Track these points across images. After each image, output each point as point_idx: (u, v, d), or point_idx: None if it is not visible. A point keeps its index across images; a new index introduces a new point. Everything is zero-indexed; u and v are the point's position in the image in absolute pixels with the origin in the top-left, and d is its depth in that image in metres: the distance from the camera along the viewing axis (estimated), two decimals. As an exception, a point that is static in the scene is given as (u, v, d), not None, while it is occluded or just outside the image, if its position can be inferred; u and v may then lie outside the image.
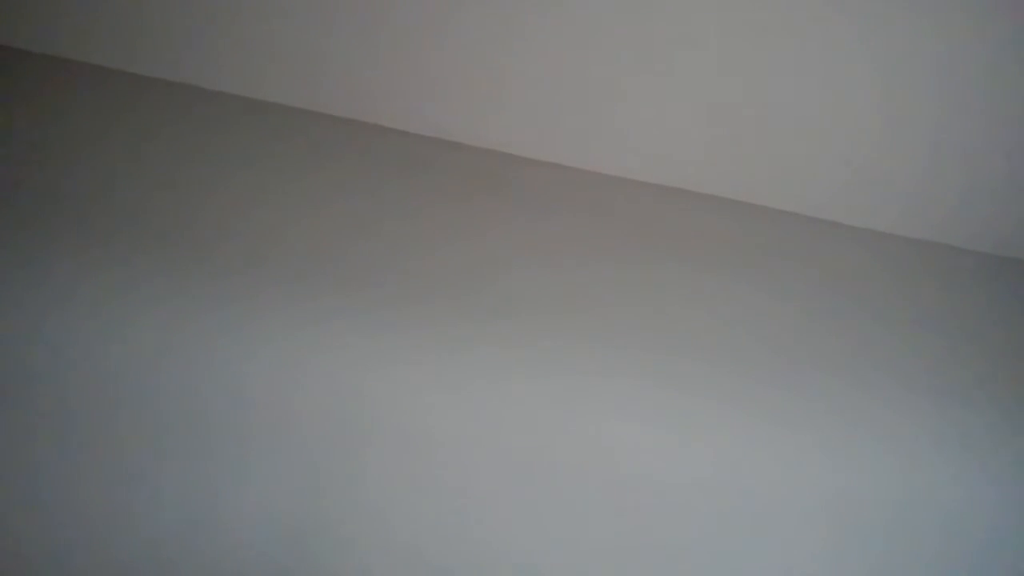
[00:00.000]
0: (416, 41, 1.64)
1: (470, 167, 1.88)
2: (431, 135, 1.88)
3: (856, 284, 1.96)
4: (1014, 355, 1.97)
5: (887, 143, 1.75)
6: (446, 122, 1.84)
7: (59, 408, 1.57)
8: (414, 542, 1.60)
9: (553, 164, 1.92)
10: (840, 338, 1.91)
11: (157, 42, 1.71)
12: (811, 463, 1.80)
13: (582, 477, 1.70)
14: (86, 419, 1.57)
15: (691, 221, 1.94)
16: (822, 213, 1.99)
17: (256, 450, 1.60)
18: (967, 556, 1.80)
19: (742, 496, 1.75)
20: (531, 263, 1.84)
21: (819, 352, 1.89)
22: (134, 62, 1.77)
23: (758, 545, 1.73)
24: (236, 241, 1.73)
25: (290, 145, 1.82)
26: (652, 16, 1.52)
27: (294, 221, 1.77)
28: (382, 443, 1.65)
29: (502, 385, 1.73)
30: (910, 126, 1.70)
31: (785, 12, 1.48)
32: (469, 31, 1.60)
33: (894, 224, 1.99)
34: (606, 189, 1.93)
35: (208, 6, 1.60)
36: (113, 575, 1.50)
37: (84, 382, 1.59)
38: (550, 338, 1.78)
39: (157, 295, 1.67)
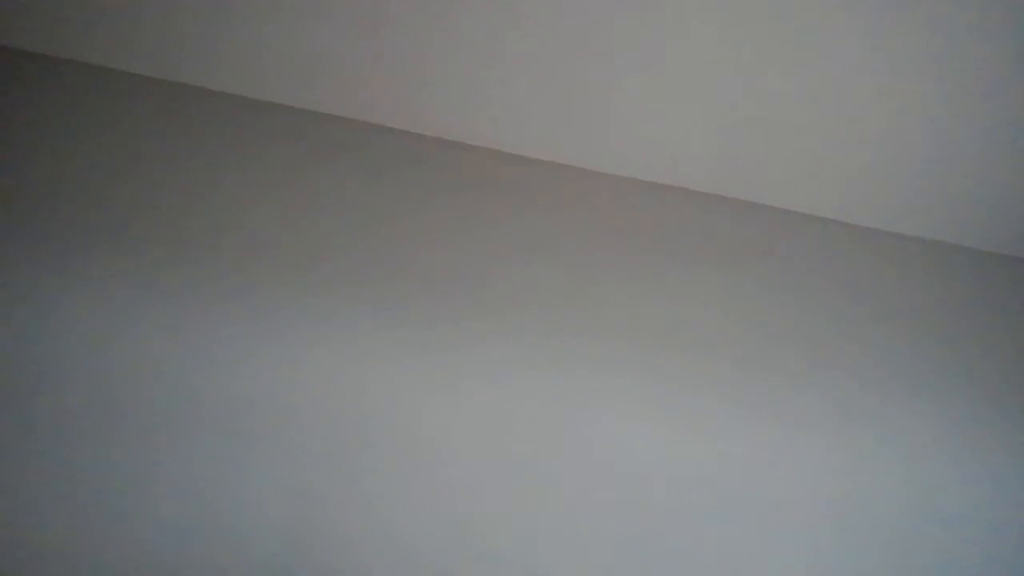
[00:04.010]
0: (415, 41, 1.64)
1: (469, 166, 1.88)
2: (431, 134, 1.88)
3: (858, 283, 1.96)
4: (1016, 354, 1.96)
5: (889, 143, 1.75)
6: (445, 121, 1.83)
7: (58, 408, 1.57)
8: (413, 540, 1.60)
9: (552, 163, 1.92)
10: (841, 336, 1.91)
11: (157, 42, 1.71)
12: (812, 461, 1.80)
13: (584, 476, 1.70)
14: (85, 419, 1.57)
15: (691, 220, 1.93)
16: (823, 212, 1.99)
17: (255, 449, 1.60)
18: (968, 554, 1.79)
19: (743, 494, 1.75)
20: (531, 262, 1.83)
21: (820, 351, 1.89)
22: (134, 62, 1.77)
23: (760, 543, 1.73)
24: (235, 241, 1.73)
25: (289, 145, 1.82)
26: (652, 15, 1.52)
27: (293, 221, 1.77)
28: (382, 442, 1.64)
29: (502, 383, 1.72)
30: (912, 125, 1.70)
31: (786, 11, 1.48)
32: (468, 31, 1.60)
33: (896, 223, 1.99)
34: (605, 188, 1.92)
35: (208, 6, 1.60)
36: (113, 575, 1.50)
37: (83, 382, 1.59)
38: (550, 337, 1.78)
39: (156, 294, 1.67)
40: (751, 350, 1.86)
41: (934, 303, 1.98)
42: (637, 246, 1.89)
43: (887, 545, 1.77)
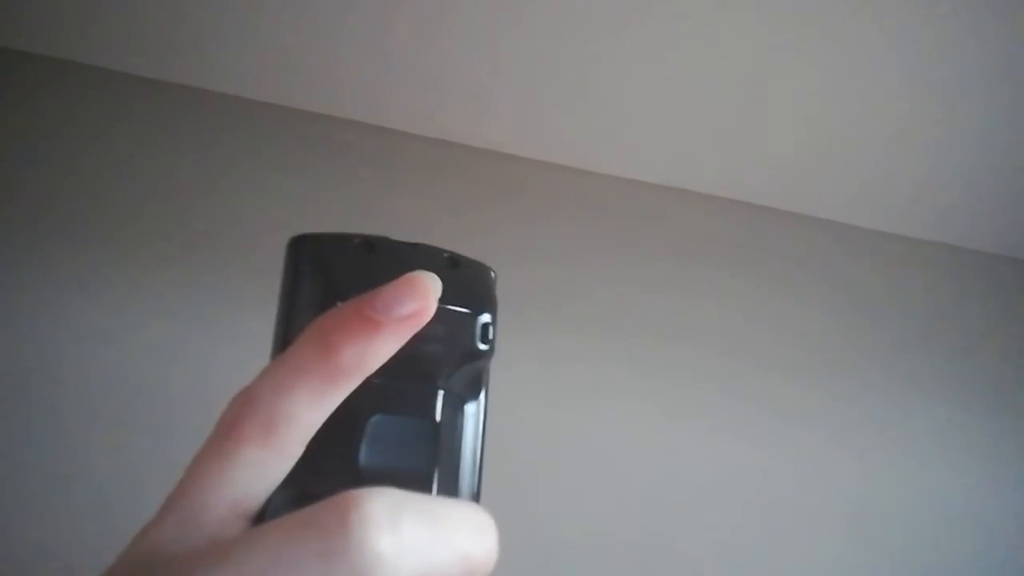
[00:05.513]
0: (416, 41, 1.64)
1: (471, 168, 1.87)
2: (433, 136, 1.88)
3: (861, 284, 1.96)
4: (1019, 355, 1.96)
5: (890, 144, 1.75)
6: (447, 123, 1.83)
7: (57, 410, 1.57)
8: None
9: (553, 164, 1.92)
10: (841, 338, 1.91)
11: (157, 42, 1.71)
12: (816, 462, 1.80)
13: (587, 477, 1.69)
14: (85, 421, 1.57)
15: (692, 220, 1.93)
16: (823, 213, 1.99)
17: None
18: (971, 556, 1.79)
19: (746, 495, 1.75)
20: (533, 263, 1.83)
21: (820, 352, 1.89)
22: (134, 62, 1.77)
23: (766, 545, 1.72)
24: (237, 243, 1.73)
25: (291, 147, 1.82)
26: (653, 13, 1.51)
27: (296, 223, 1.77)
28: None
29: (503, 385, 1.72)
30: (912, 125, 1.70)
31: (787, 8, 1.48)
32: (469, 31, 1.60)
33: (897, 223, 1.99)
34: (607, 189, 1.92)
35: (208, 6, 1.60)
36: (112, 576, 1.50)
37: (83, 383, 1.59)
38: (553, 339, 1.78)
39: (156, 296, 1.66)
40: (754, 352, 1.86)
41: (936, 305, 1.97)
42: (640, 248, 1.89)
43: (892, 546, 1.77)
